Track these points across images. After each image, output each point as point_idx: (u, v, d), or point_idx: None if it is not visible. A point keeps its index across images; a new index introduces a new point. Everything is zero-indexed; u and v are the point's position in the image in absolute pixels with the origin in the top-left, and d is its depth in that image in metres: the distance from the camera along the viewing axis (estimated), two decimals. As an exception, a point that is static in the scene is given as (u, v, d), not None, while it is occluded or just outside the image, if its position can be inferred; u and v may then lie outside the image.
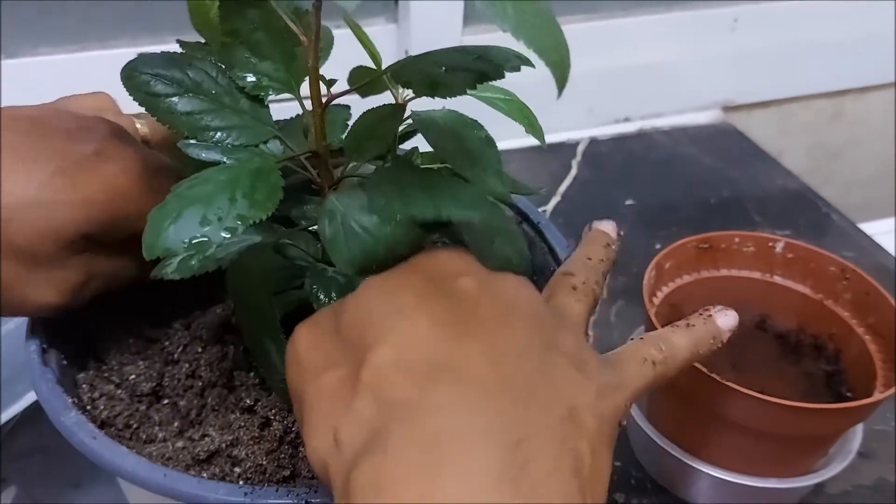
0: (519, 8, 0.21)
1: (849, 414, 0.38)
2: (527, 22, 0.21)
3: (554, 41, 0.21)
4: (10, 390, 0.48)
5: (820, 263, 0.45)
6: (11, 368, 0.47)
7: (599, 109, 0.78)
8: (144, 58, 0.29)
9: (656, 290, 0.45)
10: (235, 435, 0.32)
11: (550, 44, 0.21)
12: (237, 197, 0.25)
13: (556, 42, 0.22)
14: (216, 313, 0.38)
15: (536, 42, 0.21)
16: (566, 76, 0.22)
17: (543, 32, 0.21)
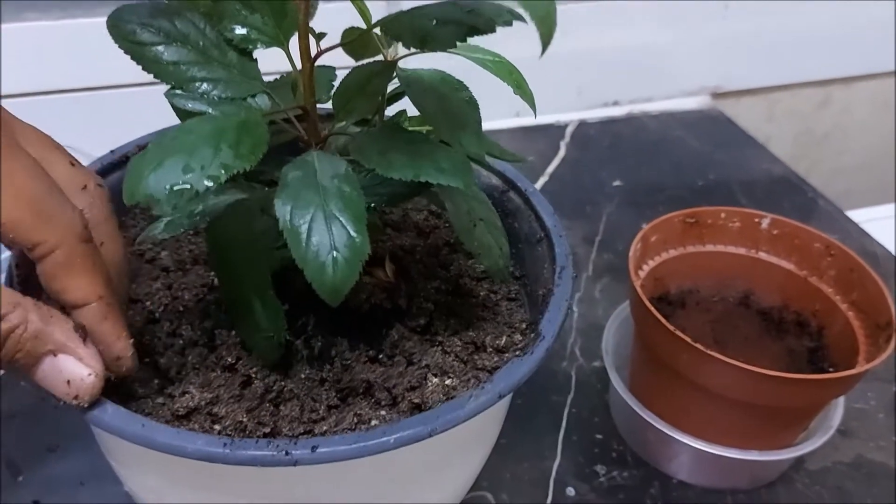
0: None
1: (830, 385, 0.38)
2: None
3: (542, 0, 0.21)
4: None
5: (805, 240, 0.46)
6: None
7: (588, 92, 0.78)
8: (131, 6, 0.29)
9: (642, 264, 0.45)
10: (215, 393, 0.32)
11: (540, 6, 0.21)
12: (222, 147, 0.25)
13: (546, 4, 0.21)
14: (198, 274, 0.38)
15: (526, 2, 0.21)
16: (551, 32, 0.22)
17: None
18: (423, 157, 0.27)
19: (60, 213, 0.27)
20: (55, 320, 0.27)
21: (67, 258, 0.27)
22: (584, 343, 0.53)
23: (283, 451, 0.26)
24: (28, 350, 0.26)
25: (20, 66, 0.62)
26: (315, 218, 0.25)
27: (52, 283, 0.27)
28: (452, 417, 0.28)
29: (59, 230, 0.27)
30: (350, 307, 0.36)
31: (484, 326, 0.36)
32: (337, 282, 0.25)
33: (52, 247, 0.27)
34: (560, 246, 0.36)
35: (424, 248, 0.41)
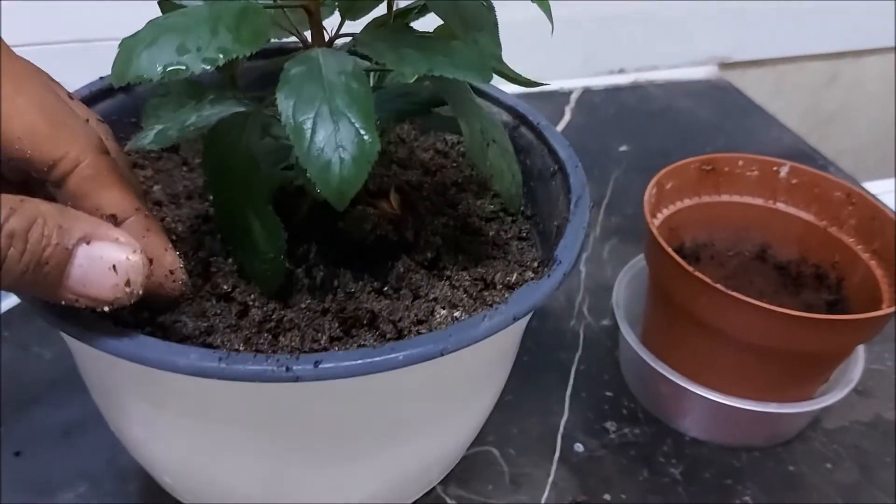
0: None
1: (852, 328, 0.36)
2: None
3: None
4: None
5: (825, 189, 0.44)
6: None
7: (594, 59, 0.76)
8: None
9: (656, 212, 0.44)
10: (210, 322, 0.30)
11: None
12: (219, 30, 0.23)
13: None
14: (192, 207, 0.36)
15: None
16: None
17: None
18: (437, 53, 0.25)
19: (77, 122, 0.25)
20: (73, 211, 0.23)
21: (95, 169, 0.24)
22: (593, 302, 0.52)
23: (283, 367, 0.24)
24: (57, 244, 0.22)
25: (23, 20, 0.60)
26: (320, 113, 0.23)
27: (85, 202, 0.24)
28: (466, 337, 0.26)
29: (80, 140, 0.24)
30: (354, 238, 0.34)
31: (494, 264, 0.34)
32: (343, 182, 0.23)
33: (76, 159, 0.24)
34: (575, 176, 0.34)
35: (431, 186, 0.39)
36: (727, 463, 0.42)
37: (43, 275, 0.22)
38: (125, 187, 0.26)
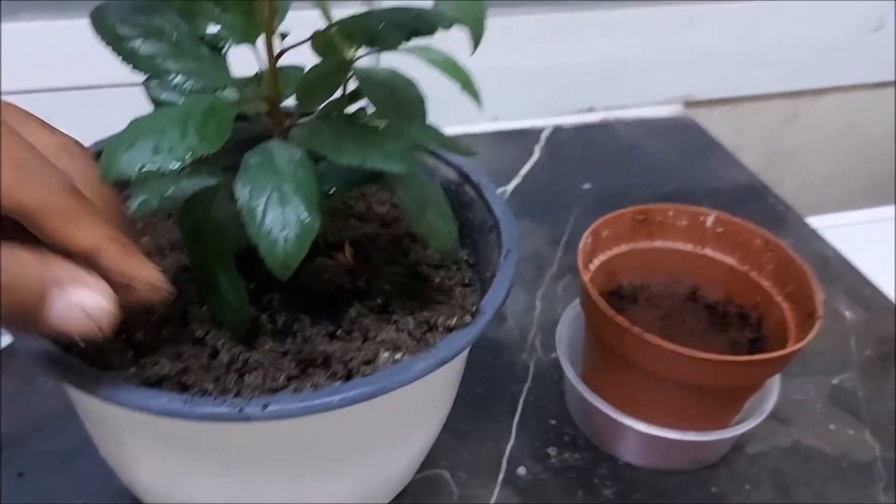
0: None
1: (754, 367, 0.41)
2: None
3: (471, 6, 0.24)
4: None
5: (746, 237, 0.49)
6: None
7: (564, 99, 0.81)
8: (112, 3, 0.32)
9: (592, 257, 0.48)
10: (185, 364, 0.35)
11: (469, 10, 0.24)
12: (189, 130, 0.28)
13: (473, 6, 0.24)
14: (175, 259, 0.41)
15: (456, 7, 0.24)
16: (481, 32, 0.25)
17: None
18: (371, 145, 0.30)
19: (42, 166, 0.26)
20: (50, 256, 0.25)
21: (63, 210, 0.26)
22: (544, 336, 0.56)
23: (237, 409, 0.29)
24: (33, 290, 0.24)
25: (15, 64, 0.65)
26: (270, 198, 0.28)
27: (60, 241, 0.26)
28: (396, 380, 0.31)
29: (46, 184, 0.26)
30: (313, 286, 0.39)
31: (438, 308, 0.39)
32: (287, 257, 0.28)
33: (44, 203, 0.25)
34: (507, 232, 0.39)
35: (386, 237, 0.44)
36: (656, 485, 0.47)
37: (22, 315, 0.25)
38: (97, 218, 0.27)
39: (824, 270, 0.65)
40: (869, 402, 0.54)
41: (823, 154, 0.98)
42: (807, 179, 0.99)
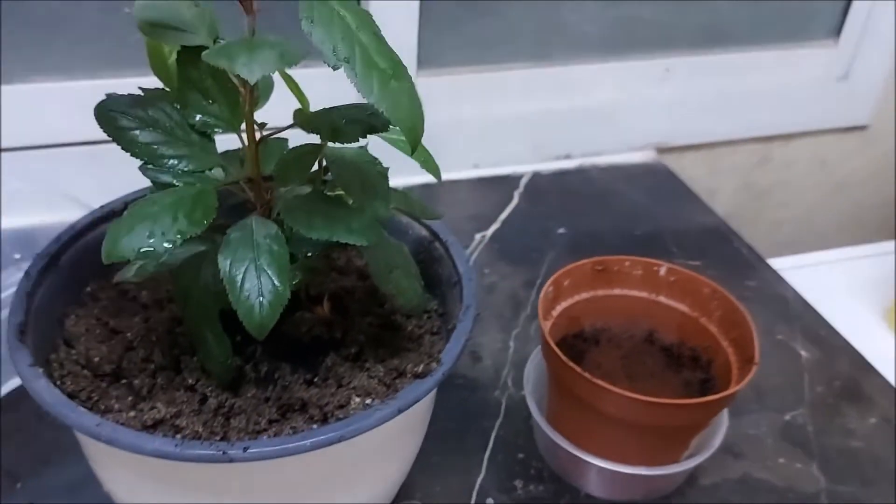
0: (382, 85, 0.28)
1: (696, 408, 0.45)
2: (387, 97, 0.28)
3: (408, 112, 0.29)
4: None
5: (696, 286, 0.53)
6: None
7: (543, 146, 0.86)
8: (113, 99, 0.37)
9: (555, 304, 0.53)
10: (179, 408, 0.39)
11: (405, 114, 0.29)
12: (179, 216, 0.33)
13: (411, 112, 0.29)
14: (171, 311, 0.45)
15: (394, 112, 0.29)
16: (417, 138, 0.30)
17: (401, 105, 0.29)
18: (338, 221, 0.35)
19: None
20: None
21: None
22: (516, 375, 0.60)
23: (221, 451, 0.33)
24: None
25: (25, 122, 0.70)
26: (248, 269, 0.33)
27: None
28: (360, 427, 0.35)
29: None
30: (293, 337, 0.43)
31: (407, 356, 0.43)
32: (262, 321, 0.33)
33: None
34: (468, 288, 0.44)
35: (363, 289, 0.48)
36: (614, 515, 0.50)
37: None
38: None
39: (784, 311, 0.70)
40: (818, 437, 0.58)
41: (796, 193, 1.02)
42: (781, 217, 1.04)
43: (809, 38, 0.91)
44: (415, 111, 0.30)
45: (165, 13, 0.36)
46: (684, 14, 0.84)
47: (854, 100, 0.96)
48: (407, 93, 0.30)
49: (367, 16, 0.31)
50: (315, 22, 0.29)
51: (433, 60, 0.79)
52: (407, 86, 0.30)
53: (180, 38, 0.36)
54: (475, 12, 0.78)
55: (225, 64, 0.27)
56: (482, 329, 0.65)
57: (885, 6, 0.90)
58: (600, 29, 0.83)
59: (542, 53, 0.82)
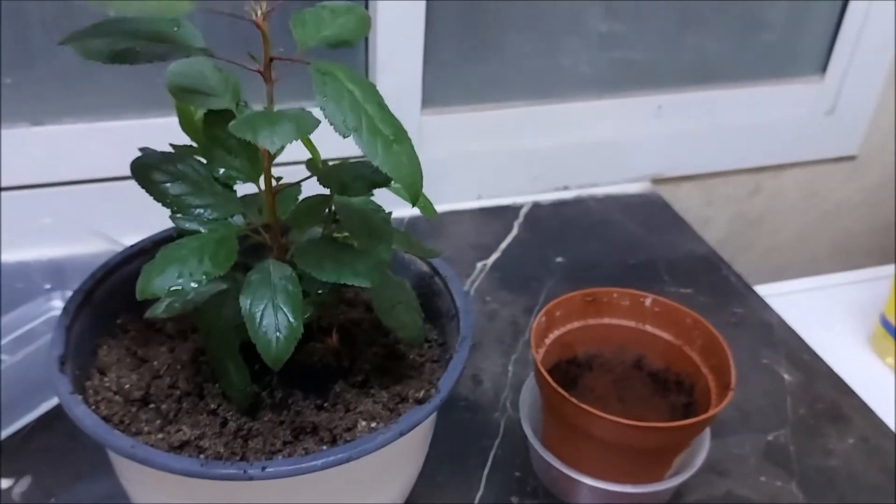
0: (385, 149, 0.33)
1: (675, 431, 0.49)
2: (390, 159, 0.33)
3: (409, 171, 0.33)
4: (27, 403, 0.59)
5: (679, 316, 0.57)
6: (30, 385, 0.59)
7: (542, 178, 0.90)
8: (147, 155, 0.41)
9: (548, 333, 0.57)
10: (202, 431, 0.43)
11: (406, 173, 0.33)
12: (204, 258, 0.37)
13: (411, 171, 0.34)
14: (194, 341, 0.50)
15: (396, 173, 0.33)
16: (418, 193, 0.34)
17: (402, 165, 0.33)
18: (345, 265, 0.39)
19: None
20: None
21: None
22: (515, 398, 0.64)
23: (241, 470, 0.37)
24: None
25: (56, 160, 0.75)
26: (266, 308, 0.37)
27: None
28: (365, 448, 0.39)
29: None
30: (305, 366, 0.47)
31: (409, 382, 0.47)
32: (279, 353, 0.37)
33: None
34: (465, 321, 0.48)
35: (370, 321, 0.52)
36: (603, 531, 0.54)
37: None
38: None
39: (769, 336, 0.73)
40: (799, 457, 0.61)
41: (788, 221, 1.06)
42: (773, 244, 1.07)
43: (796, 75, 0.96)
44: (414, 170, 0.34)
45: (194, 79, 0.40)
46: (675, 54, 0.89)
47: (842, 132, 1.00)
48: (407, 154, 0.35)
49: (371, 88, 0.35)
50: (328, 97, 0.34)
51: (437, 100, 0.84)
52: (407, 148, 0.35)
53: (207, 102, 0.40)
54: (476, 55, 0.83)
55: (250, 136, 0.32)
56: (484, 354, 0.69)
57: (868, 43, 0.94)
58: (595, 70, 0.87)
59: (540, 92, 0.87)
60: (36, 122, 0.73)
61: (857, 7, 0.92)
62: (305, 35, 0.39)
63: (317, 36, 0.39)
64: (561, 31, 0.84)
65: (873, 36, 0.94)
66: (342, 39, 0.40)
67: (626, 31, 0.86)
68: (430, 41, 0.79)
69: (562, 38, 0.85)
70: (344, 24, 0.40)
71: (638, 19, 0.86)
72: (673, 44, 0.89)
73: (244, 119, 0.33)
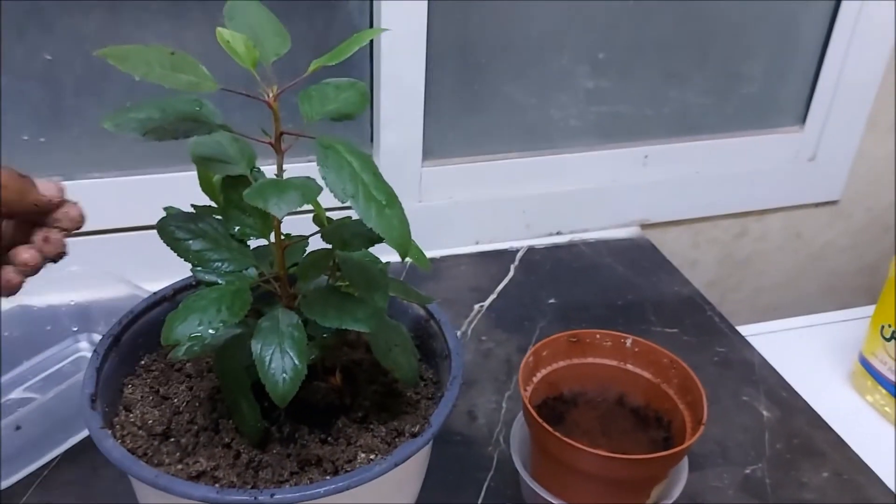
0: (378, 213, 0.38)
1: (649, 463, 0.53)
2: (382, 220, 0.38)
3: (399, 232, 0.38)
4: (56, 438, 0.64)
5: (657, 356, 0.61)
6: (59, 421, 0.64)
7: (536, 224, 0.96)
8: (171, 215, 0.47)
9: (536, 372, 0.61)
10: (217, 462, 0.48)
11: (396, 234, 0.38)
12: (222, 308, 0.42)
13: (400, 233, 0.39)
14: (211, 380, 0.54)
15: (388, 234, 0.38)
16: (406, 252, 0.39)
17: (393, 227, 0.38)
18: (346, 312, 0.44)
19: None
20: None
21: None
22: (508, 432, 0.69)
23: (252, 497, 0.42)
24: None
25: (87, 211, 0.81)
26: (274, 352, 0.42)
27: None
28: (362, 478, 0.44)
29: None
30: (311, 403, 0.52)
31: (406, 418, 0.52)
32: (285, 392, 0.42)
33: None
34: (455, 362, 0.53)
35: (370, 361, 0.57)
36: (588, 558, 0.58)
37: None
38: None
39: (750, 374, 0.77)
40: (774, 489, 0.65)
41: (775, 263, 1.11)
42: (762, 285, 1.12)
43: (777, 126, 1.01)
44: (403, 231, 0.39)
45: (214, 150, 0.46)
46: (659, 107, 0.95)
47: (823, 178, 1.05)
48: (398, 217, 0.40)
49: (368, 159, 0.41)
50: (329, 167, 0.39)
51: (437, 152, 0.89)
52: (398, 212, 0.40)
53: (225, 169, 0.46)
54: (472, 111, 0.89)
55: (261, 204, 0.37)
56: (479, 391, 0.73)
57: (846, 93, 0.99)
58: (585, 122, 0.93)
59: (533, 144, 0.93)
60: (67, 176, 0.79)
61: (834, 59, 0.98)
62: (311, 110, 0.45)
63: (321, 111, 0.45)
64: (552, 87, 0.90)
65: (851, 86, 1.00)
66: (344, 113, 0.45)
67: (613, 86, 0.92)
68: (430, 99, 0.85)
69: (553, 94, 0.90)
70: (346, 100, 0.46)
71: (624, 76, 0.92)
72: (657, 98, 0.94)
73: (257, 188, 0.39)
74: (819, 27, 0.96)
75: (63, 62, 0.74)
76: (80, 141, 0.78)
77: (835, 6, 0.95)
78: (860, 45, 0.96)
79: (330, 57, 0.42)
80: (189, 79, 0.38)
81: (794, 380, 0.77)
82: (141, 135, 0.41)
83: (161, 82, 0.37)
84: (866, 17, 0.95)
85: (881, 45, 0.97)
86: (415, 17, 0.80)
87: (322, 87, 0.46)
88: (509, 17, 0.85)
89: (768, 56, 0.96)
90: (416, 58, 0.82)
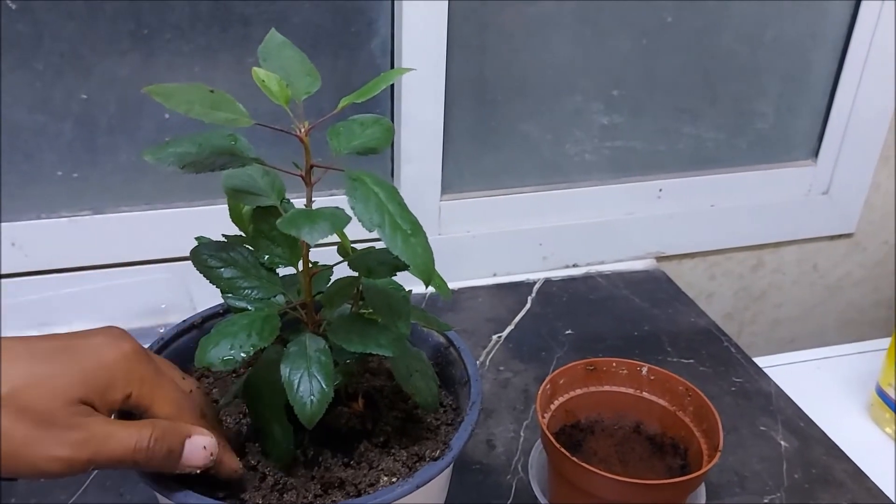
0: (404, 242, 0.40)
1: (665, 489, 0.54)
2: (408, 248, 0.40)
3: (423, 260, 0.40)
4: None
5: (672, 384, 0.62)
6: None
7: (553, 257, 0.97)
8: (204, 244, 0.49)
9: (553, 399, 0.63)
10: (243, 484, 0.49)
11: (420, 262, 0.40)
12: (252, 333, 0.44)
13: (424, 260, 0.41)
14: (237, 405, 0.56)
15: (412, 261, 0.40)
16: (429, 279, 0.41)
17: (417, 255, 0.40)
18: (370, 338, 0.46)
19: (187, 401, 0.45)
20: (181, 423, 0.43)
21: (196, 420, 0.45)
22: (526, 461, 0.70)
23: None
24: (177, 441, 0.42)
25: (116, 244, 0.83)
26: (302, 376, 0.44)
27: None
28: (384, 500, 0.45)
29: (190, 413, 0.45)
30: (334, 428, 0.53)
31: (426, 443, 0.53)
32: (312, 414, 0.43)
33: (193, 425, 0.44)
34: (475, 387, 0.54)
35: (391, 388, 0.59)
36: (607, 585, 0.58)
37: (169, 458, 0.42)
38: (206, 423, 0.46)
39: (767, 404, 0.78)
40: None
41: (791, 295, 1.11)
42: (778, 317, 1.12)
43: (790, 160, 1.03)
44: (427, 259, 0.41)
45: (245, 181, 0.48)
46: (673, 143, 0.97)
47: (837, 211, 1.06)
48: (422, 246, 0.42)
49: (393, 190, 0.43)
50: (357, 198, 0.41)
51: (455, 186, 0.92)
52: (422, 240, 0.42)
53: (255, 201, 0.48)
54: (489, 147, 0.92)
55: (294, 233, 0.39)
56: (497, 420, 0.74)
57: (858, 127, 1.01)
58: (600, 157, 0.95)
59: (549, 178, 0.95)
60: (98, 210, 0.81)
61: (845, 93, 1.00)
62: (339, 145, 0.47)
63: (348, 146, 0.47)
64: (567, 123, 0.93)
65: (862, 120, 1.01)
66: (369, 148, 0.47)
67: (627, 122, 0.94)
68: (448, 135, 0.88)
69: (568, 130, 0.93)
70: (371, 135, 0.48)
71: (637, 112, 0.94)
72: (671, 133, 0.97)
73: (289, 217, 0.41)
74: (829, 62, 0.98)
75: (97, 102, 0.77)
76: (112, 177, 0.81)
77: (845, 41, 0.97)
78: (871, 78, 0.98)
79: (358, 95, 0.44)
80: (227, 115, 0.41)
81: (811, 411, 0.78)
82: (180, 167, 0.43)
83: (202, 118, 0.40)
84: (876, 51, 0.97)
85: (892, 78, 0.99)
86: (434, 57, 0.83)
87: (349, 124, 0.48)
88: (525, 56, 0.88)
89: (780, 92, 0.98)
90: (436, 96, 0.85)
